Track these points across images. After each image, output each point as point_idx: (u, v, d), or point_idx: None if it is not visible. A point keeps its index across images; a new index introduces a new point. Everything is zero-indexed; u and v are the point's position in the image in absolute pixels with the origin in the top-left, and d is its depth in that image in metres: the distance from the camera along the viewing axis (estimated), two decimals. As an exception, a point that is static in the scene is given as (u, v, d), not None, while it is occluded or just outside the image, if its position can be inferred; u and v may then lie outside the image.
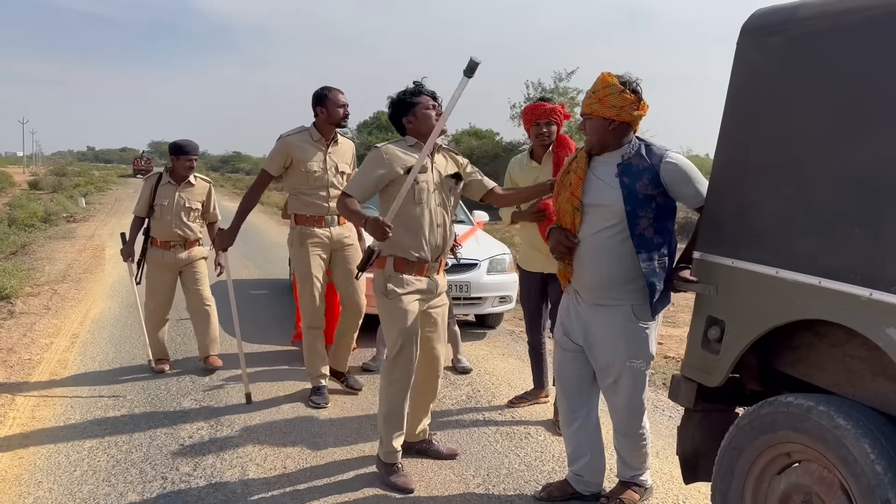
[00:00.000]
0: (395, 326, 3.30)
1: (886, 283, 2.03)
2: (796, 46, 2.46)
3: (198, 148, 5.25)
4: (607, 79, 2.85)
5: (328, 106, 4.35)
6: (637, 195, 2.85)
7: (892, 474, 2.00)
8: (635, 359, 2.98)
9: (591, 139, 2.95)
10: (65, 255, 11.31)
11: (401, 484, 3.35)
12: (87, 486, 3.35)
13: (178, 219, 5.11)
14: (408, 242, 3.31)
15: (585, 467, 3.22)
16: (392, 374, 3.35)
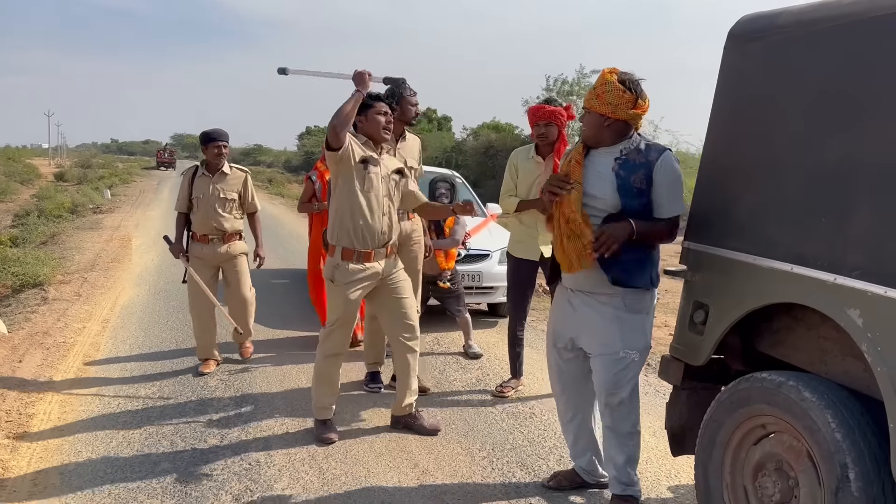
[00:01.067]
0: (336, 310, 3.80)
1: (848, 269, 2.24)
2: (775, 52, 2.67)
3: (226, 135, 5.21)
4: (607, 76, 2.93)
5: (401, 105, 4.52)
6: (631, 188, 2.93)
7: (849, 441, 2.22)
8: (630, 349, 3.01)
9: (587, 133, 3.06)
10: (93, 245, 11.69)
11: (324, 437, 3.85)
12: (122, 456, 3.64)
13: (214, 210, 5.08)
14: (354, 230, 3.73)
15: (590, 463, 3.34)
16: (325, 345, 3.87)
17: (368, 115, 3.84)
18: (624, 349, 3.02)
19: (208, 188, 5.11)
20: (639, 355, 3.05)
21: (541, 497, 3.29)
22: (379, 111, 3.84)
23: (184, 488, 3.30)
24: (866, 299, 2.17)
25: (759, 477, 2.57)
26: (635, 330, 3.04)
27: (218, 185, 5.13)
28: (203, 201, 5.10)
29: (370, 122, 3.84)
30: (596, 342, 3.07)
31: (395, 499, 3.22)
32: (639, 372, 3.09)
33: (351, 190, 3.73)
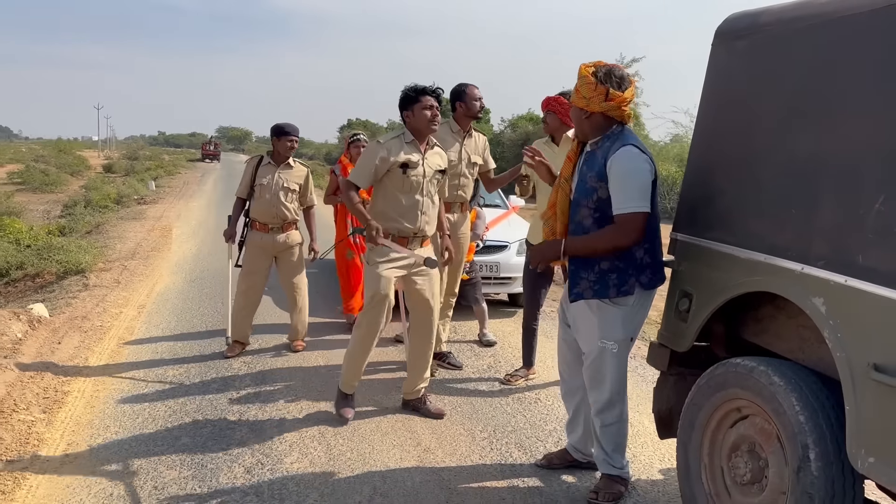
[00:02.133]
0: (371, 288, 3.87)
1: (814, 259, 2.35)
2: (757, 50, 2.76)
3: (297, 130, 5.39)
4: (583, 70, 3.01)
5: (466, 100, 4.67)
6: (585, 184, 3.02)
7: (812, 423, 2.32)
8: (606, 339, 3.08)
9: (574, 127, 3.22)
10: (135, 235, 12.13)
11: (343, 413, 4.04)
12: (147, 431, 3.89)
13: (277, 198, 5.23)
14: (394, 220, 3.87)
15: (580, 440, 3.47)
16: (361, 325, 3.94)
17: (415, 109, 3.84)
18: (601, 339, 3.10)
19: (273, 177, 5.27)
20: (617, 347, 3.10)
21: (534, 475, 3.45)
22: (425, 105, 3.83)
23: (201, 460, 3.54)
24: (829, 288, 2.27)
25: (733, 457, 2.68)
26: (614, 321, 3.08)
27: (283, 175, 5.29)
28: (266, 188, 5.25)
29: (417, 117, 3.84)
30: (578, 329, 3.23)
31: (395, 474, 3.41)
32: (620, 363, 3.13)
33: (391, 191, 3.86)
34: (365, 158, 3.89)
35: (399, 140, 3.88)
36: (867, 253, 2.16)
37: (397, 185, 3.84)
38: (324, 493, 3.23)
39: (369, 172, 3.84)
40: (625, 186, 2.93)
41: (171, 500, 3.16)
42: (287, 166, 5.35)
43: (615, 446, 3.23)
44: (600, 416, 3.20)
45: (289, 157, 5.37)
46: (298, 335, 5.49)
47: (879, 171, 2.15)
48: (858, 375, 2.15)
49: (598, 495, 3.21)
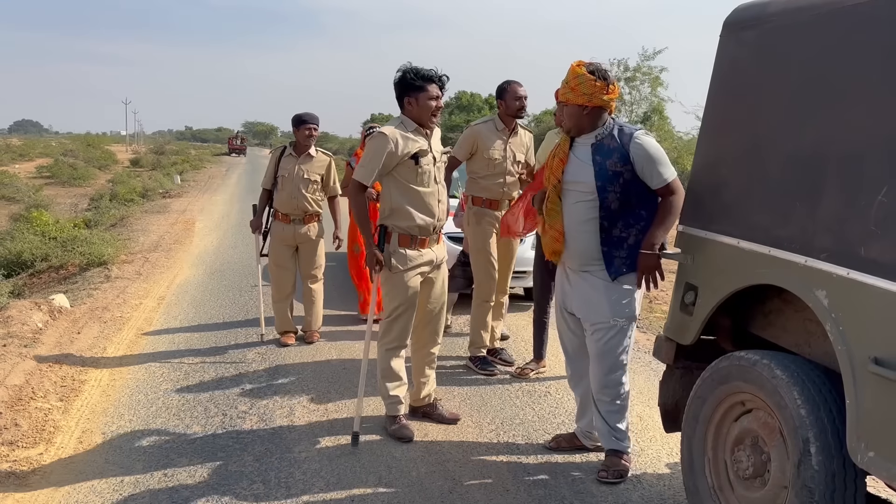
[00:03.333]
0: (396, 297, 3.67)
1: (817, 251, 2.32)
2: (765, 40, 2.73)
3: (317, 118, 5.36)
4: (576, 69, 3.15)
5: (506, 98, 4.62)
6: (607, 171, 3.15)
7: (813, 417, 2.30)
8: (618, 317, 3.24)
9: (567, 124, 3.27)
10: (158, 228, 12.29)
11: (398, 434, 3.72)
12: (160, 419, 3.96)
13: (297, 190, 5.23)
14: (412, 220, 3.62)
15: (590, 424, 3.55)
16: (387, 336, 3.74)
17: (419, 98, 3.59)
18: (613, 317, 3.26)
19: (294, 168, 5.28)
20: (627, 322, 3.29)
21: (540, 468, 3.45)
22: (430, 96, 3.59)
23: (211, 448, 3.59)
24: (832, 281, 2.25)
25: (736, 451, 2.66)
26: (623, 299, 3.26)
27: (303, 166, 5.29)
28: (287, 180, 5.27)
29: (420, 107, 3.60)
30: (587, 311, 3.31)
31: (401, 465, 3.43)
32: (627, 340, 3.30)
33: (404, 184, 3.62)
34: (371, 153, 3.60)
35: (401, 129, 3.62)
36: (869, 245, 2.13)
37: (410, 178, 3.61)
38: (329, 482, 3.26)
39: (376, 168, 3.59)
40: (661, 160, 3.19)
41: (181, 486, 3.21)
42: (308, 157, 5.34)
43: (619, 420, 3.36)
44: (604, 394, 3.33)
45: (309, 145, 5.35)
46: (311, 326, 5.52)
47: (883, 162, 2.12)
48: (859, 369, 2.12)
49: (608, 473, 3.33)
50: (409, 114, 3.66)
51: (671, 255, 3.11)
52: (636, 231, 3.20)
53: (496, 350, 5.04)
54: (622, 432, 3.37)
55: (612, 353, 3.29)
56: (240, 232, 11.97)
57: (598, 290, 3.26)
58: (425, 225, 3.67)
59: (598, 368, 3.32)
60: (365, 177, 3.62)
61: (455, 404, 4.19)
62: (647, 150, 3.16)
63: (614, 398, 3.33)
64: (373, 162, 3.59)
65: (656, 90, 26.48)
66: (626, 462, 3.38)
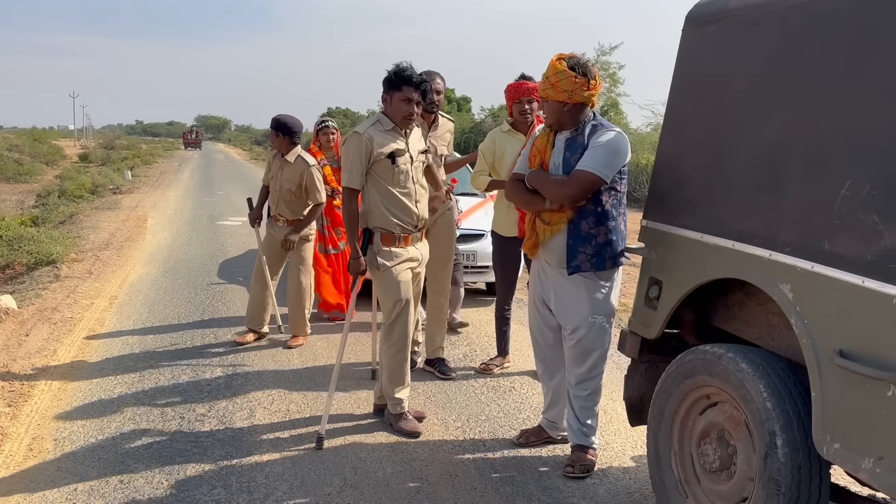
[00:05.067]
0: (391, 296, 3.63)
1: (781, 245, 2.33)
2: (726, 35, 2.74)
3: (283, 125, 5.11)
4: (557, 65, 3.11)
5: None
6: (571, 167, 3.13)
7: (779, 410, 2.32)
8: (597, 314, 3.25)
9: (549, 120, 3.26)
10: (109, 225, 11.97)
11: (409, 429, 3.70)
12: (114, 424, 3.83)
13: (277, 196, 5.19)
14: (392, 218, 3.60)
15: (558, 414, 3.59)
16: (391, 338, 3.69)
17: (393, 97, 3.57)
18: (592, 314, 3.26)
19: (277, 172, 5.19)
20: (606, 320, 3.30)
21: (507, 464, 3.43)
22: (403, 97, 3.54)
23: (169, 453, 3.49)
24: (796, 274, 2.26)
25: (702, 445, 2.67)
26: (603, 296, 3.27)
27: (282, 173, 5.16)
28: (273, 184, 5.24)
29: (394, 107, 3.57)
30: (566, 310, 3.30)
31: (367, 465, 3.38)
32: (608, 337, 3.31)
33: (381, 184, 3.58)
34: (351, 155, 3.55)
35: (377, 128, 3.60)
36: (833, 239, 2.14)
37: (387, 178, 3.57)
38: (293, 485, 3.19)
39: (360, 169, 3.55)
40: (596, 152, 3.10)
41: (137, 494, 3.11)
42: (286, 163, 5.15)
43: (589, 416, 3.38)
44: (582, 388, 3.34)
45: (283, 152, 5.16)
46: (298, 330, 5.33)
47: (845, 155, 2.14)
48: (824, 362, 2.14)
49: (574, 468, 3.34)
50: (386, 111, 3.63)
51: (635, 249, 3.12)
52: (606, 230, 3.17)
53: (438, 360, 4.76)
54: (591, 428, 3.39)
55: (593, 351, 3.29)
56: (194, 228, 11.74)
57: (577, 286, 3.24)
58: (404, 225, 3.65)
59: (574, 365, 3.33)
60: (353, 180, 3.57)
61: (420, 402, 4.15)
62: (600, 140, 3.12)
63: (590, 394, 3.35)
64: (355, 163, 3.55)
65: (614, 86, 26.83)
66: (592, 456, 3.40)
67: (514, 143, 4.35)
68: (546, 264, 3.36)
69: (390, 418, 3.80)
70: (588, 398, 3.36)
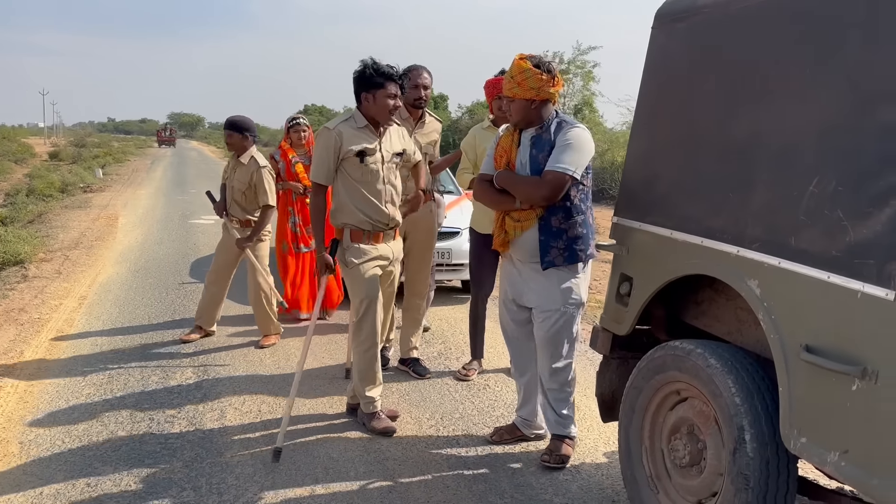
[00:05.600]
0: (358, 293, 3.61)
1: (749, 242, 2.35)
2: (696, 32, 2.75)
3: (235, 124, 5.09)
4: (521, 63, 3.15)
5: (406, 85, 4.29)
6: (539, 164, 3.17)
7: (747, 405, 2.33)
8: (568, 304, 3.30)
9: (515, 118, 3.26)
10: (79, 224, 11.78)
11: (382, 428, 3.68)
12: (82, 426, 3.76)
13: (231, 197, 5.13)
14: (361, 216, 3.58)
15: (532, 412, 3.61)
16: (359, 335, 3.66)
17: (377, 96, 3.49)
18: (564, 304, 3.30)
19: (231, 173, 5.15)
20: (576, 309, 3.35)
21: (480, 462, 3.42)
22: (389, 94, 3.49)
23: (138, 455, 3.43)
24: (763, 270, 2.28)
25: (672, 440, 2.69)
26: (572, 286, 3.31)
27: (235, 174, 5.11)
28: (227, 184, 5.19)
29: (377, 105, 3.51)
30: (538, 299, 3.33)
31: (339, 465, 3.35)
32: (575, 326, 3.35)
33: (351, 182, 3.55)
34: (320, 150, 3.55)
35: (349, 125, 3.55)
36: (800, 235, 2.16)
37: (356, 176, 3.54)
38: (264, 486, 3.15)
39: (329, 165, 3.53)
40: (566, 150, 3.13)
41: (105, 497, 3.05)
42: (238, 163, 5.09)
43: (565, 406, 3.43)
44: (554, 380, 3.38)
45: (237, 153, 5.10)
46: (264, 330, 5.26)
47: (814, 153, 2.15)
48: (791, 357, 2.16)
49: (551, 457, 3.38)
50: (364, 110, 3.58)
51: (606, 246, 3.13)
52: (576, 224, 3.20)
53: (412, 360, 4.73)
54: (568, 418, 3.45)
55: (561, 339, 3.32)
56: (166, 227, 11.60)
57: (549, 278, 3.27)
58: (373, 223, 3.62)
59: (546, 355, 3.36)
60: (321, 176, 3.56)
61: (394, 401, 4.13)
62: (566, 137, 3.15)
63: (563, 385, 3.40)
64: (324, 159, 3.54)
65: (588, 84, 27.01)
66: (569, 446, 3.44)
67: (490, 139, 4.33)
68: (517, 261, 3.37)
69: (363, 417, 3.77)
70: (561, 389, 3.40)
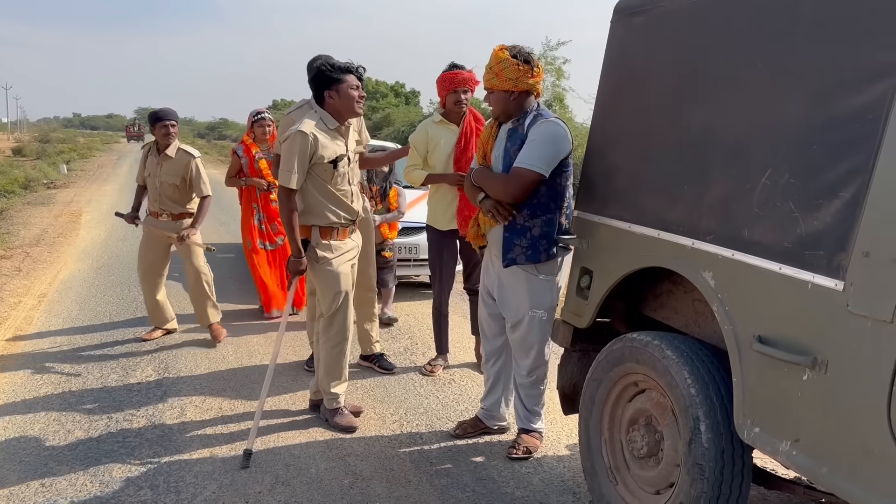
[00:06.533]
0: (332, 288, 3.57)
1: (703, 234, 2.36)
2: (654, 26, 2.76)
3: (175, 114, 5.01)
4: (500, 54, 3.12)
5: None
6: (510, 158, 3.14)
7: (702, 396, 2.35)
8: (537, 309, 3.26)
9: (495, 110, 3.25)
10: (41, 220, 11.56)
11: (345, 424, 3.66)
12: (38, 425, 3.69)
13: (158, 192, 5.00)
14: (331, 216, 3.55)
15: (495, 404, 3.61)
16: (330, 331, 3.62)
17: (340, 90, 3.43)
18: (532, 309, 3.27)
19: (155, 169, 5.01)
20: (546, 314, 3.30)
21: (442, 457, 3.42)
22: (351, 85, 3.45)
23: (95, 454, 3.37)
24: (717, 262, 2.29)
25: (631, 431, 2.70)
26: (542, 290, 3.27)
27: (164, 167, 4.99)
28: (150, 181, 5.04)
29: (343, 98, 3.45)
30: (507, 301, 3.32)
31: (299, 462, 3.32)
32: (547, 329, 3.31)
33: (321, 182, 3.50)
34: (294, 154, 3.39)
35: (321, 127, 3.46)
36: (752, 227, 2.18)
37: (326, 178, 3.50)
38: (223, 483, 3.12)
39: (303, 171, 3.42)
40: (534, 146, 3.09)
41: (59, 496, 3.00)
42: (166, 157, 4.98)
43: (536, 402, 3.45)
44: (528, 378, 3.39)
45: (168, 145, 4.99)
46: (208, 318, 5.15)
47: (767, 145, 2.17)
48: (744, 347, 2.18)
49: (517, 449, 3.41)
50: (330, 108, 3.51)
51: (567, 239, 3.13)
52: (541, 222, 3.16)
53: (375, 355, 4.66)
54: (537, 413, 3.47)
55: (535, 344, 3.32)
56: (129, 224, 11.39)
57: (518, 278, 3.25)
58: (343, 221, 3.62)
59: (522, 359, 3.37)
60: (293, 181, 3.42)
61: (358, 397, 4.11)
62: (536, 132, 3.11)
63: (536, 383, 3.41)
64: (298, 165, 3.41)
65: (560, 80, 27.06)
66: (536, 439, 3.48)
67: (448, 134, 4.28)
68: (494, 256, 3.36)
69: (325, 413, 3.75)
70: (533, 386, 3.41)
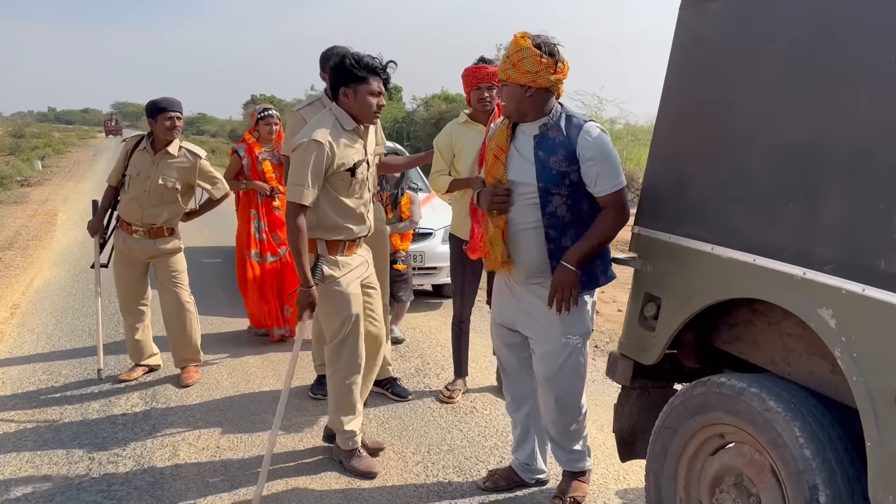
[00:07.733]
0: (339, 312, 3.12)
1: (819, 263, 1.95)
2: (738, 11, 2.35)
3: (179, 104, 4.20)
4: (520, 41, 2.64)
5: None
6: (550, 171, 2.68)
7: (819, 459, 1.94)
8: (571, 335, 2.82)
9: (507, 107, 2.77)
10: (14, 221, 10.99)
11: (363, 469, 3.22)
12: (8, 468, 3.22)
13: (146, 197, 4.14)
14: (343, 228, 3.13)
15: (531, 455, 3.14)
16: (338, 361, 3.18)
17: (358, 92, 3.03)
18: (565, 335, 2.82)
19: (148, 169, 4.16)
20: (581, 340, 2.87)
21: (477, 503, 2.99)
22: (371, 90, 3.03)
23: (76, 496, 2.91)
24: (840, 298, 1.88)
25: (718, 493, 2.30)
26: (577, 313, 2.81)
27: (161, 168, 4.16)
28: (136, 182, 4.14)
29: (358, 102, 3.04)
30: (536, 329, 2.87)
31: (315, 516, 2.88)
32: (583, 359, 2.89)
33: (334, 196, 3.09)
34: (308, 167, 2.94)
35: (337, 131, 3.03)
36: (891, 257, 1.77)
37: (342, 189, 3.08)
38: (227, 546, 2.67)
39: (318, 185, 2.98)
40: (610, 163, 2.71)
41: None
42: (165, 155, 4.17)
43: (576, 442, 3.00)
44: (564, 417, 2.91)
45: (171, 140, 4.17)
46: (182, 356, 4.39)
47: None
48: (881, 405, 1.77)
49: (564, 500, 2.97)
50: (344, 106, 3.07)
51: (625, 260, 2.71)
52: None
53: (388, 380, 4.22)
54: (580, 453, 3.01)
55: (568, 376, 2.85)
56: (110, 225, 10.86)
57: (544, 307, 2.79)
58: (356, 234, 3.19)
59: (550, 394, 2.87)
60: (307, 197, 2.95)
61: (372, 430, 3.66)
62: (598, 147, 2.68)
63: (569, 423, 2.92)
64: (311, 177, 2.95)
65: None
66: (584, 484, 3.03)
67: (475, 135, 3.84)
68: (513, 281, 2.90)
69: (340, 455, 3.30)
70: (567, 429, 2.93)
